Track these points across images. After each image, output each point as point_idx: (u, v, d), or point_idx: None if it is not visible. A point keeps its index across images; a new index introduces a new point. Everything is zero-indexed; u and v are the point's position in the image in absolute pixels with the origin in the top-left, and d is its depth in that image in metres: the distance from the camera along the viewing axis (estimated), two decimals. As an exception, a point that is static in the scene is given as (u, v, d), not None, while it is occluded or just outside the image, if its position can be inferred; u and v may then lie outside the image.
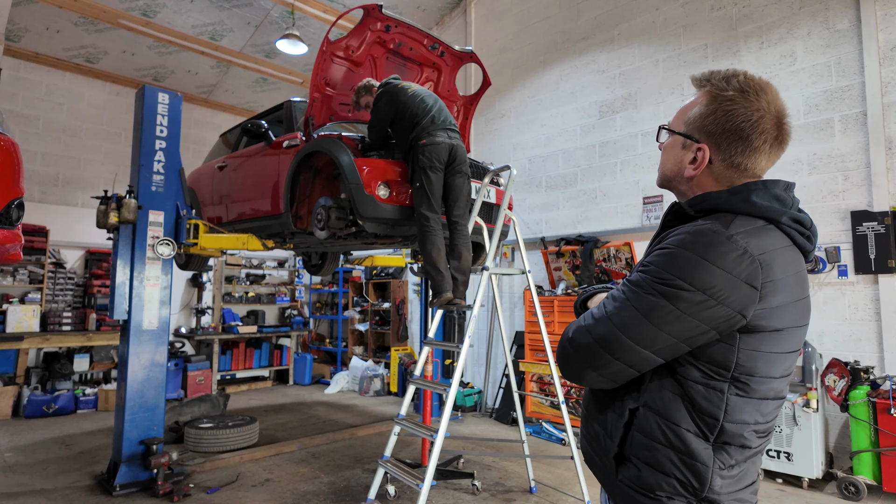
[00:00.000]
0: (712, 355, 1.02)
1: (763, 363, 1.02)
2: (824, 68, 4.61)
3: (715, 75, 1.13)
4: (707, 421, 1.02)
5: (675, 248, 1.01)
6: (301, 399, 7.71)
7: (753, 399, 1.03)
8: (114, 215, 4.06)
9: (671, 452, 1.04)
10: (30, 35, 7.13)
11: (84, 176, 7.89)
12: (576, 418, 5.43)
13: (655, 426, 1.05)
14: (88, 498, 3.86)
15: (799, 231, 1.05)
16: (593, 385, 1.13)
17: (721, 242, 0.98)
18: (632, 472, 1.08)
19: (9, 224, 2.11)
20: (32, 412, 6.38)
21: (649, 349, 1.02)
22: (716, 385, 1.02)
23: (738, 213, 1.04)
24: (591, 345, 1.08)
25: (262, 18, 7.47)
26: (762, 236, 1.00)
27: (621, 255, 5.63)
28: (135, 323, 4.15)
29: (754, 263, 0.97)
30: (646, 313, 1.01)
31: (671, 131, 1.19)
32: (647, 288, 1.02)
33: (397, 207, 3.63)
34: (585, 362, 1.09)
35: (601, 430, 1.16)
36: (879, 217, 4.23)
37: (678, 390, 1.05)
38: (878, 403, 3.87)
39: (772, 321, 1.00)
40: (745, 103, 1.07)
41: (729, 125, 1.08)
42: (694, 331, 0.99)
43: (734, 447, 1.03)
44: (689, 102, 1.17)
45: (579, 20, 6.50)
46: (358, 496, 3.90)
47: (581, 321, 1.14)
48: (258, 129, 4.49)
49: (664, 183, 1.24)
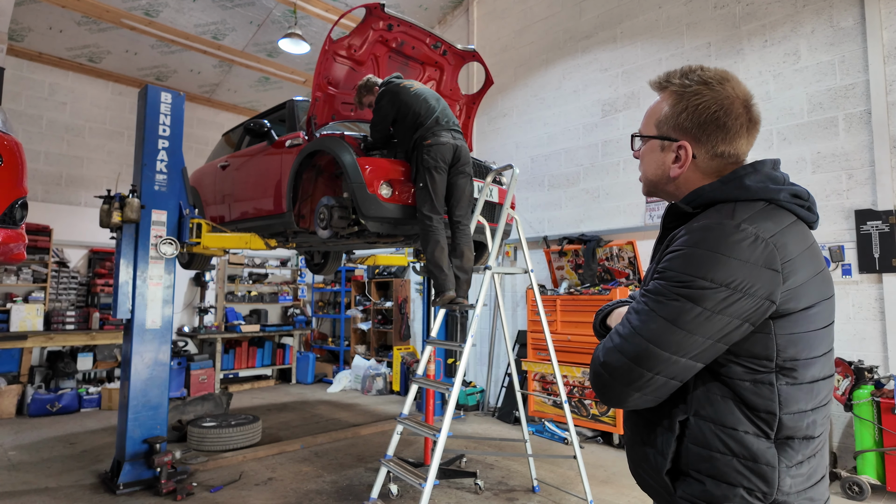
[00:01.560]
0: (751, 348, 0.99)
1: (804, 345, 0.99)
2: (828, 66, 4.59)
3: (673, 74, 1.14)
4: (763, 417, 0.98)
5: (687, 248, 0.99)
6: (304, 398, 7.72)
7: (805, 384, 1.00)
8: (117, 214, 4.07)
9: (733, 460, 0.99)
10: (33, 35, 7.15)
11: (87, 175, 7.91)
12: (578, 417, 5.43)
13: (711, 434, 1.01)
14: (92, 496, 3.88)
15: (798, 204, 1.04)
16: (638, 406, 1.06)
17: (731, 233, 0.96)
18: (694, 487, 1.03)
19: (12, 223, 2.12)
20: (36, 411, 6.40)
21: (686, 356, 0.98)
22: (763, 378, 0.99)
23: (736, 200, 1.03)
24: (626, 364, 1.02)
25: (265, 17, 7.47)
26: (768, 218, 0.99)
27: (624, 254, 5.62)
28: (138, 322, 4.16)
29: (769, 247, 0.95)
30: (674, 320, 0.97)
31: (645, 136, 1.18)
32: (668, 294, 0.99)
33: (400, 207, 3.63)
34: (625, 384, 1.03)
35: (650, 449, 1.10)
36: (884, 216, 4.21)
37: (726, 392, 1.01)
38: (882, 403, 3.85)
39: (800, 301, 0.98)
40: (711, 93, 1.08)
41: (703, 117, 1.08)
42: (727, 328, 0.96)
43: (797, 440, 0.99)
44: (653, 105, 1.17)
45: (582, 18, 6.49)
46: (361, 495, 3.90)
47: (608, 342, 1.08)
48: (261, 129, 4.50)
49: (651, 189, 1.22)
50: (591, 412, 5.38)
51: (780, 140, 4.79)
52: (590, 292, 5.54)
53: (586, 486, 3.59)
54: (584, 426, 5.43)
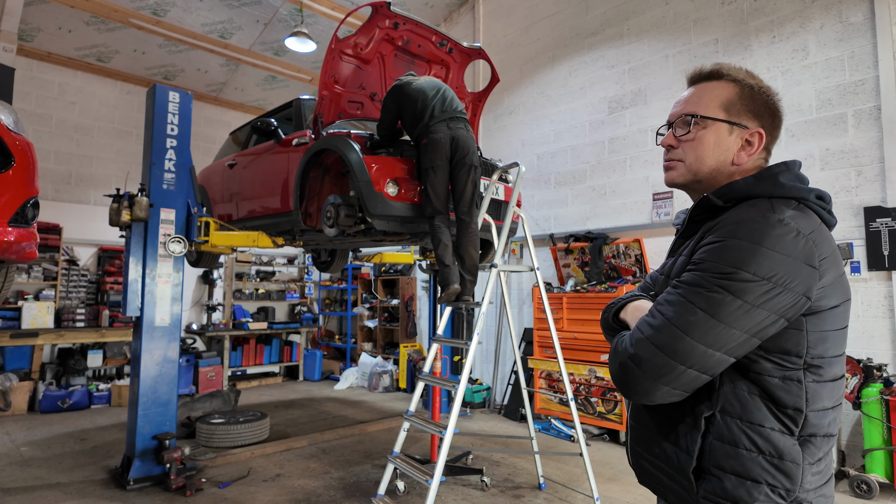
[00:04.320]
0: (783, 345, 0.98)
1: (831, 343, 1.00)
2: (837, 62, 4.55)
3: (722, 66, 1.14)
4: (791, 414, 0.98)
5: (728, 238, 0.97)
6: (311, 395, 7.77)
7: (828, 382, 1.00)
8: (126, 213, 4.11)
9: (759, 456, 0.98)
10: (42, 35, 7.21)
11: (96, 174, 7.98)
12: (584, 415, 5.43)
13: (738, 431, 1.00)
14: (103, 492, 3.93)
15: (823, 207, 1.05)
16: (664, 400, 1.03)
17: (773, 226, 0.95)
18: (715, 485, 1.01)
19: (25, 223, 2.15)
20: (47, 407, 6.48)
21: (722, 349, 0.97)
22: (792, 375, 0.98)
23: (770, 196, 1.02)
24: (659, 356, 0.99)
25: (271, 16, 7.50)
26: (805, 216, 0.99)
27: (631, 252, 5.60)
28: (147, 320, 4.20)
29: (808, 243, 0.95)
30: (713, 312, 0.95)
31: (713, 119, 1.11)
32: (708, 285, 0.96)
33: (406, 205, 3.63)
34: (656, 377, 1.00)
35: (671, 446, 1.07)
36: (893, 213, 4.18)
37: (754, 389, 1.00)
38: (891, 401, 3.83)
39: (830, 299, 0.99)
40: (765, 85, 1.10)
41: (771, 105, 1.10)
42: (764, 322, 0.95)
43: (819, 437, 1.00)
44: (708, 91, 1.14)
45: (588, 15, 6.46)
46: (368, 491, 3.93)
47: (638, 333, 1.05)
48: (268, 127, 4.52)
49: (696, 179, 1.16)
50: (598, 410, 5.37)
51: (788, 136, 4.76)
52: (596, 290, 5.53)
53: (592, 483, 3.59)
54: (591, 424, 5.43)
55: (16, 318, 6.68)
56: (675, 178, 1.19)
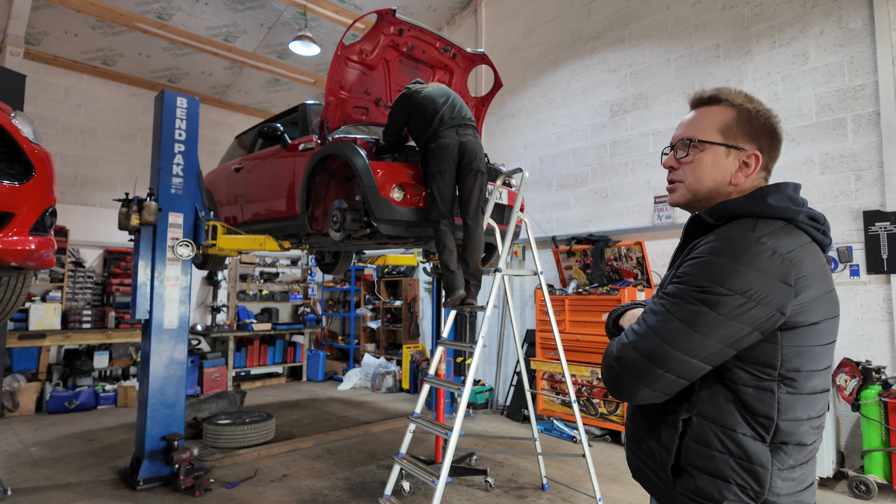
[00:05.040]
0: (758, 356, 1.05)
1: (807, 357, 1.05)
2: (837, 68, 4.60)
3: (721, 91, 1.20)
4: (762, 422, 1.04)
5: (708, 255, 1.05)
6: (315, 395, 7.82)
7: (804, 395, 1.06)
8: (135, 217, 4.17)
9: (729, 458, 1.05)
10: (48, 38, 7.27)
11: (101, 176, 8.04)
12: (587, 416, 5.48)
13: (711, 434, 1.07)
14: (113, 492, 3.99)
15: (815, 227, 1.10)
16: (646, 401, 1.13)
17: (751, 245, 1.02)
18: (690, 483, 1.09)
19: (44, 231, 2.20)
20: (55, 408, 6.55)
21: (697, 357, 1.05)
22: (766, 385, 1.05)
23: (758, 216, 1.09)
24: (640, 360, 1.09)
25: (275, 20, 7.56)
26: (787, 236, 1.06)
27: (632, 255, 5.65)
28: (156, 322, 4.26)
29: (785, 262, 1.02)
30: (690, 323, 1.04)
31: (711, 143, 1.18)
32: (687, 298, 1.05)
33: (411, 210, 3.69)
34: (636, 379, 1.10)
35: (656, 444, 1.17)
36: (892, 217, 4.23)
37: (729, 396, 1.07)
38: (889, 403, 3.88)
39: (808, 315, 1.04)
40: (764, 108, 1.16)
41: (769, 128, 1.16)
42: (738, 334, 1.02)
43: (791, 446, 1.05)
44: (708, 115, 1.20)
45: (590, 19, 6.51)
46: (374, 491, 3.99)
47: (623, 339, 1.15)
48: (274, 132, 4.57)
49: (696, 199, 1.22)
50: (600, 411, 5.43)
51: (788, 141, 4.81)
52: (598, 292, 5.58)
53: (595, 483, 3.64)
54: (593, 425, 5.49)
55: (23, 320, 6.74)
56: (677, 199, 1.26)
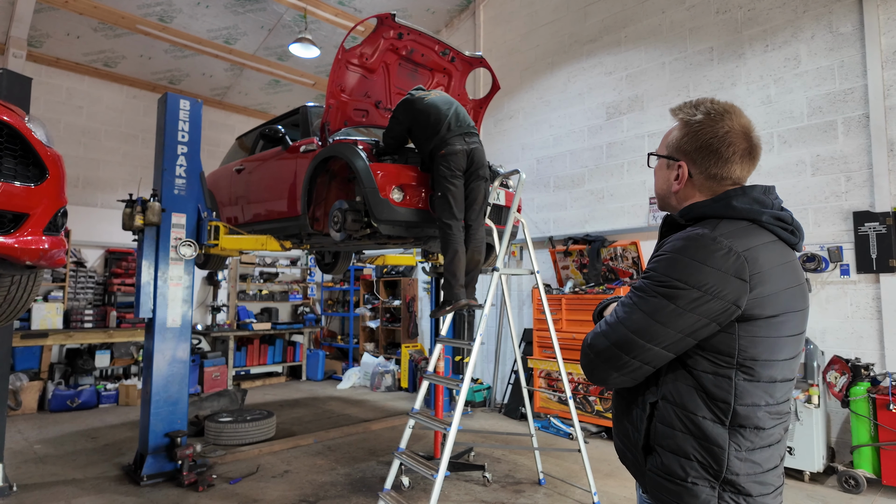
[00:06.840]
0: (716, 345, 1.14)
1: (764, 348, 1.14)
2: (828, 71, 4.69)
3: (685, 105, 1.32)
4: (720, 406, 1.14)
5: (671, 253, 1.17)
6: (314, 394, 7.90)
7: (761, 382, 1.15)
8: (139, 218, 4.24)
9: (690, 438, 1.16)
10: (51, 41, 7.34)
11: (103, 177, 8.11)
12: (583, 413, 5.57)
13: (674, 416, 1.18)
14: (118, 487, 4.06)
15: (781, 227, 1.20)
16: (617, 385, 1.26)
17: (708, 244, 1.13)
18: (658, 461, 1.21)
19: (55, 231, 2.28)
20: (57, 406, 6.61)
21: (659, 346, 1.15)
22: (724, 372, 1.14)
23: (721, 217, 1.20)
24: (609, 348, 1.21)
25: (275, 22, 7.63)
26: (746, 235, 1.15)
27: (628, 254, 5.74)
28: (159, 321, 4.34)
29: (740, 259, 1.11)
30: (651, 314, 1.15)
31: (656, 155, 1.38)
32: (649, 291, 1.17)
33: (411, 210, 3.76)
34: (607, 365, 1.22)
35: (630, 425, 1.29)
36: (881, 217, 4.32)
37: (691, 381, 1.18)
38: (877, 399, 3.97)
39: (765, 309, 1.13)
40: (711, 124, 1.25)
41: (699, 143, 1.26)
42: (696, 324, 1.12)
43: (749, 429, 1.14)
44: (669, 130, 1.36)
45: (587, 22, 6.60)
46: (374, 486, 4.07)
47: (597, 329, 1.28)
48: (276, 134, 4.65)
49: (661, 203, 1.40)
50: (596, 408, 5.51)
51: (780, 143, 4.90)
52: (594, 291, 5.67)
53: (590, 478, 3.72)
54: (589, 422, 5.57)
55: (26, 319, 6.80)
56: (657, 204, 1.46)
